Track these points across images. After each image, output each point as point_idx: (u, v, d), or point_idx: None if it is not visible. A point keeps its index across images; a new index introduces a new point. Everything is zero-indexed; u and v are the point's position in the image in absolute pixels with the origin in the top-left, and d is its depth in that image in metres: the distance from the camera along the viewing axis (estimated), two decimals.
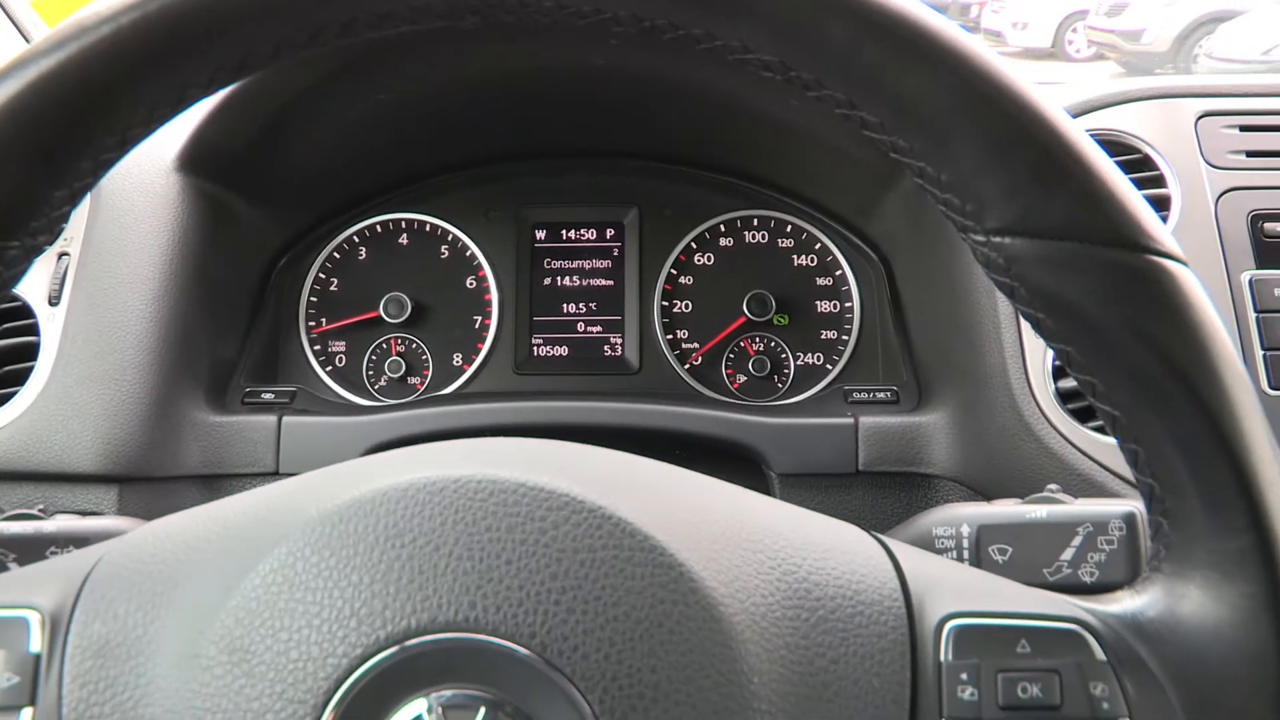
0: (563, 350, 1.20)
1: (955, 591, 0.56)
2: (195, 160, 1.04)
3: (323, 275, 1.20)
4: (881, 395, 1.07)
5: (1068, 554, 0.71)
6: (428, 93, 1.10)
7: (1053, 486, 0.75)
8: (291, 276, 1.20)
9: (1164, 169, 0.96)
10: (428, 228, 1.22)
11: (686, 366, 1.18)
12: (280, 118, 1.04)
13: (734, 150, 1.19)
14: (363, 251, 1.21)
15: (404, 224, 1.22)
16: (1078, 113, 1.00)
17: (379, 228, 1.22)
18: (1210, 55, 7.60)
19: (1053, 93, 1.05)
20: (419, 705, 0.47)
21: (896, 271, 1.15)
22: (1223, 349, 0.53)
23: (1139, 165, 0.97)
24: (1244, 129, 0.98)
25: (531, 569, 0.49)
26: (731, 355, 1.18)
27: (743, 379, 1.18)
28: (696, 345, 1.19)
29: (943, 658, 0.54)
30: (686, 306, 1.20)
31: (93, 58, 0.49)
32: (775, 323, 1.18)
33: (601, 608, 0.49)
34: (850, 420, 1.02)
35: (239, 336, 1.14)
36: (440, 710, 0.47)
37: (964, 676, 0.53)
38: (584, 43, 1.02)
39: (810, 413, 1.06)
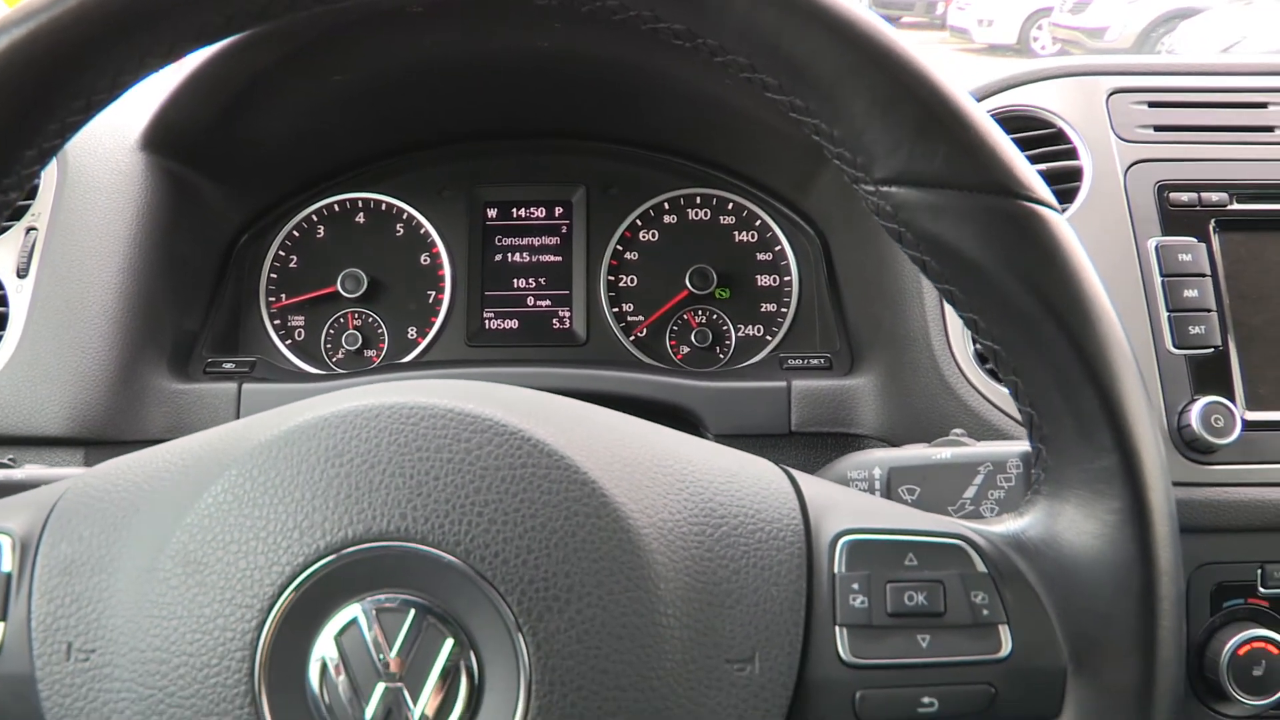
0: (513, 323, 1.25)
1: (850, 512, 0.62)
2: (158, 139, 1.09)
3: (282, 252, 1.25)
4: (815, 362, 1.13)
5: (970, 492, 0.77)
6: (382, 76, 1.15)
7: (958, 431, 0.80)
8: (253, 253, 1.25)
9: (1076, 142, 1.02)
10: (384, 207, 1.26)
11: (631, 338, 1.23)
12: (239, 100, 1.09)
13: (677, 130, 1.24)
14: (321, 230, 1.26)
15: (361, 203, 1.26)
16: (997, 89, 1.06)
17: (337, 207, 1.26)
18: (1172, 51, 7.70)
19: (976, 70, 1.10)
20: (355, 608, 0.53)
21: (832, 245, 1.21)
22: (1089, 285, 0.58)
23: (1053, 139, 1.03)
24: (1152, 105, 1.04)
25: (457, 485, 0.54)
26: (675, 327, 1.24)
27: (685, 350, 1.23)
28: (641, 318, 1.24)
29: (836, 570, 0.59)
30: (632, 281, 1.25)
31: (61, 28, 0.54)
32: (717, 296, 1.24)
33: (520, 519, 0.54)
34: (783, 384, 1.07)
35: (202, 309, 1.18)
36: (374, 612, 0.52)
37: (855, 586, 0.59)
38: (530, 26, 1.07)
39: (746, 378, 1.11)
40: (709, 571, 0.57)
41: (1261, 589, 0.97)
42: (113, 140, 1.08)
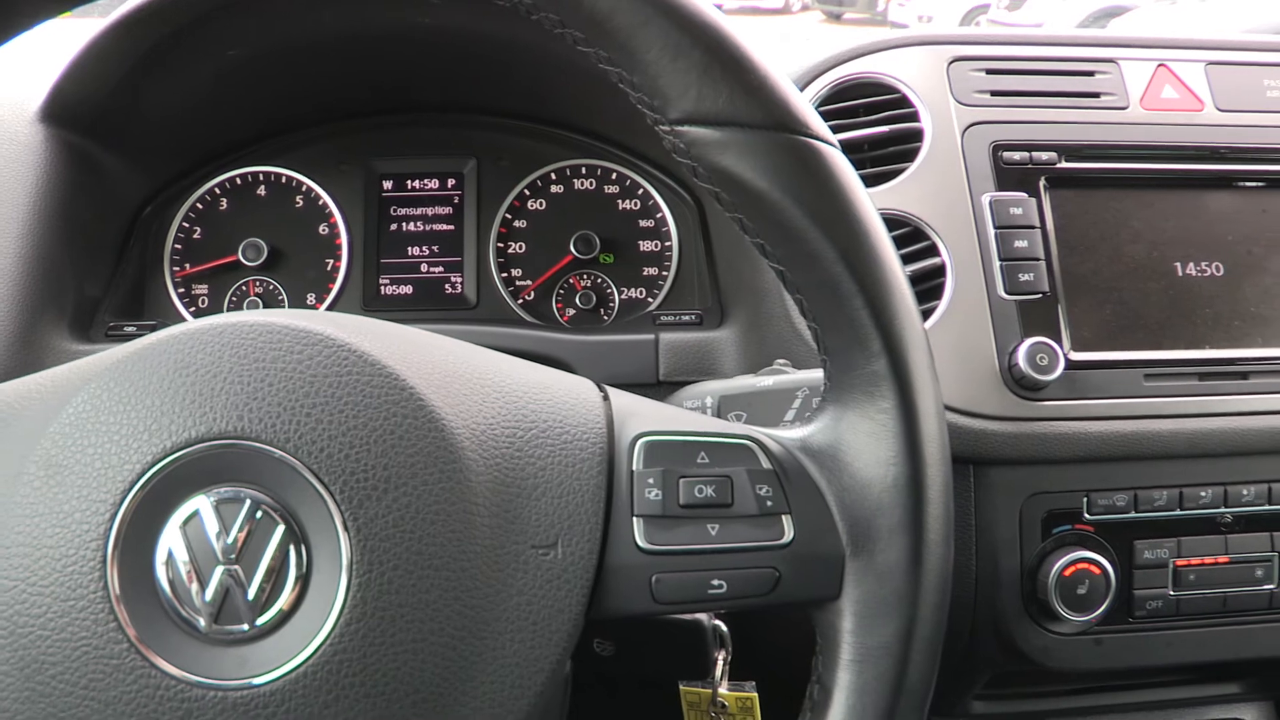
0: (407, 289, 1.31)
1: (650, 418, 0.68)
2: (57, 112, 1.14)
3: (186, 223, 1.30)
4: (686, 318, 1.19)
5: (790, 414, 0.84)
6: (275, 51, 1.20)
7: (781, 361, 0.88)
8: (157, 223, 1.30)
9: (918, 105, 1.09)
10: (284, 180, 1.32)
11: (520, 301, 1.30)
12: (135, 73, 1.14)
13: (563, 104, 1.31)
14: (224, 202, 1.31)
15: (262, 176, 1.32)
16: (848, 58, 1.13)
17: (239, 180, 1.32)
18: None
19: (830, 40, 1.17)
20: (198, 500, 0.59)
21: (708, 211, 1.28)
22: (859, 207, 0.65)
23: (898, 103, 1.10)
24: (989, 72, 1.11)
25: (289, 390, 0.60)
26: (561, 291, 1.30)
27: (571, 312, 1.29)
28: (529, 282, 1.30)
29: (634, 467, 0.65)
30: (520, 248, 1.31)
31: None
32: (601, 261, 1.30)
33: (343, 420, 0.60)
34: (652, 337, 1.14)
35: (105, 276, 1.23)
36: (214, 503, 0.59)
37: (651, 481, 0.65)
38: (409, 4, 1.13)
39: (620, 333, 1.18)
40: (517, 468, 0.63)
41: (1086, 515, 1.04)
42: (11, 113, 1.13)
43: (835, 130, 1.07)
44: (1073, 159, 1.08)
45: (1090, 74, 1.13)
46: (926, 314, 1.02)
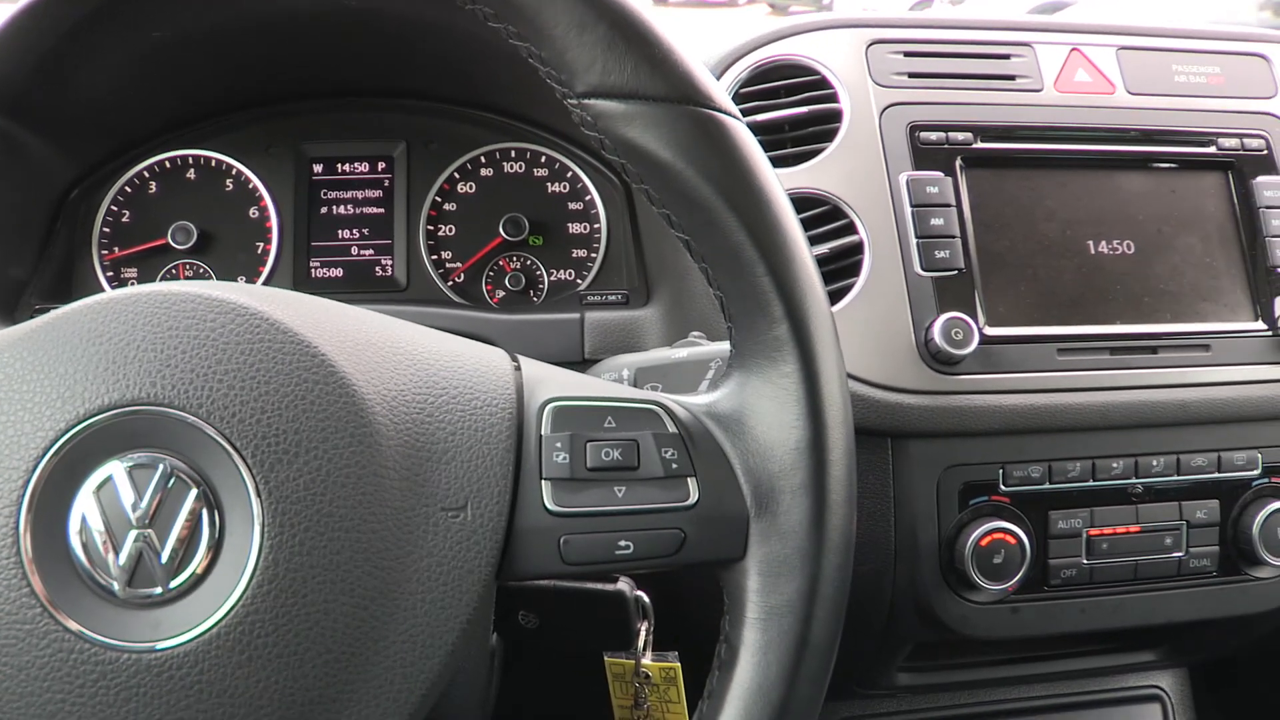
0: (337, 271, 1.31)
1: (559, 385, 0.70)
2: None
3: (115, 207, 1.30)
4: (612, 298, 1.21)
5: (704, 385, 0.85)
6: (202, 33, 1.20)
7: (696, 334, 0.89)
8: (85, 206, 1.29)
9: (837, 87, 1.11)
10: (213, 163, 1.32)
11: (450, 283, 1.30)
12: (57, 55, 1.13)
13: (492, 88, 1.31)
14: (153, 185, 1.31)
15: (191, 160, 1.32)
16: (770, 40, 1.14)
17: (168, 163, 1.31)
18: None
19: (757, 23, 1.19)
20: (112, 466, 0.59)
21: (635, 194, 1.29)
22: (760, 177, 0.67)
23: (817, 85, 1.12)
24: (907, 54, 1.14)
25: (202, 357, 0.61)
26: (491, 273, 1.31)
27: (501, 294, 1.30)
28: (459, 264, 1.31)
29: (542, 431, 0.67)
30: (450, 230, 1.32)
31: None
32: (530, 243, 1.31)
33: (255, 386, 0.61)
34: (578, 316, 1.16)
35: (31, 259, 1.23)
36: (127, 469, 0.60)
37: (559, 445, 0.67)
38: None
39: (547, 312, 1.19)
40: (428, 433, 0.65)
41: (1002, 486, 1.07)
42: None
43: (757, 111, 1.09)
44: (988, 139, 1.11)
45: (1006, 57, 1.15)
46: (844, 291, 1.04)
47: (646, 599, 0.87)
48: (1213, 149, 1.16)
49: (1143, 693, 1.38)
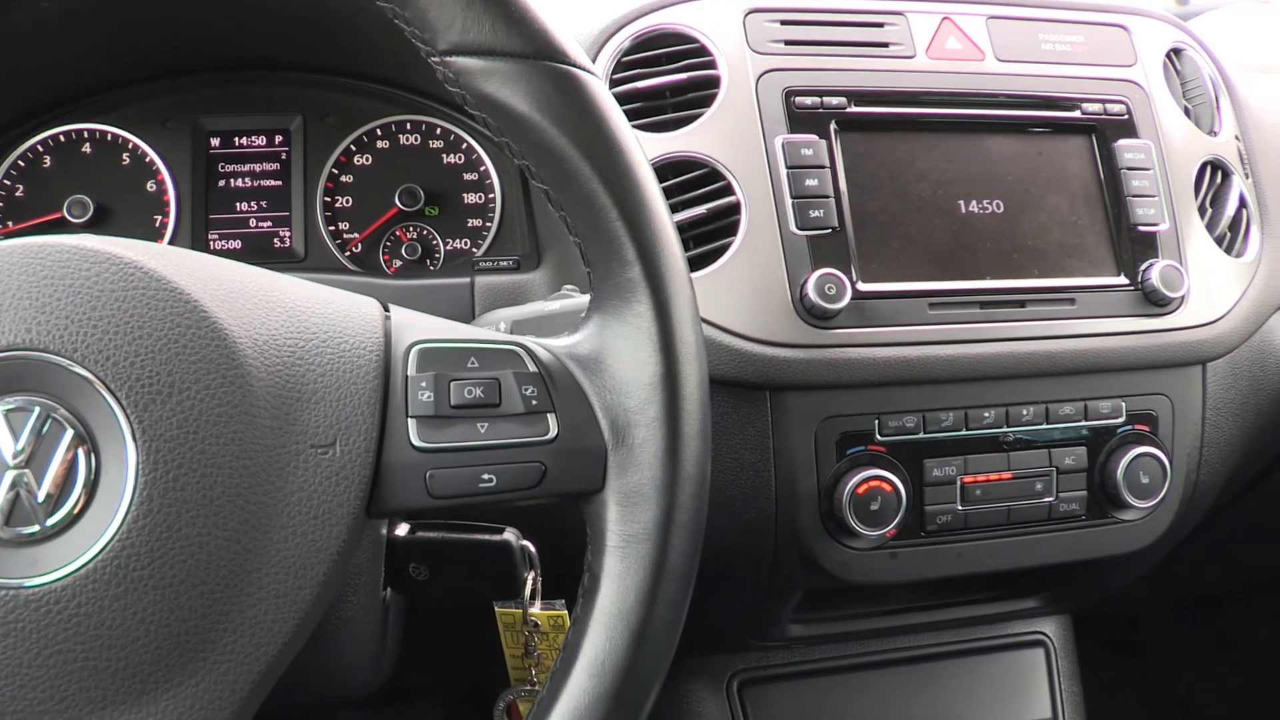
0: (236, 244, 1.33)
1: (425, 329, 0.73)
2: None
3: (8, 181, 1.30)
4: (504, 264, 1.24)
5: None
6: (91, 3, 1.21)
7: (569, 286, 0.93)
8: None
9: (715, 54, 1.14)
10: (109, 137, 1.33)
11: (347, 253, 1.33)
12: None
13: (386, 62, 1.34)
14: (48, 159, 1.32)
15: (87, 134, 1.33)
16: (651, 10, 1.17)
17: (63, 137, 1.32)
18: None
19: None
20: None
21: None
22: (613, 128, 0.70)
23: (696, 53, 1.15)
24: (784, 23, 1.17)
25: (77, 304, 0.64)
26: (388, 243, 1.34)
27: (398, 263, 1.33)
28: (356, 235, 1.33)
29: (408, 372, 0.70)
30: (347, 202, 1.34)
31: None
32: (426, 213, 1.34)
33: (129, 330, 0.64)
34: (468, 280, 1.19)
35: None
36: (3, 412, 0.62)
37: (423, 384, 0.70)
38: None
39: (440, 278, 1.22)
40: (298, 374, 0.68)
41: (878, 436, 1.11)
42: None
43: (638, 78, 1.13)
44: (862, 104, 1.15)
45: (880, 25, 1.20)
46: (722, 250, 1.08)
47: (533, 549, 0.90)
48: (1077, 113, 1.21)
49: (1027, 639, 1.44)
